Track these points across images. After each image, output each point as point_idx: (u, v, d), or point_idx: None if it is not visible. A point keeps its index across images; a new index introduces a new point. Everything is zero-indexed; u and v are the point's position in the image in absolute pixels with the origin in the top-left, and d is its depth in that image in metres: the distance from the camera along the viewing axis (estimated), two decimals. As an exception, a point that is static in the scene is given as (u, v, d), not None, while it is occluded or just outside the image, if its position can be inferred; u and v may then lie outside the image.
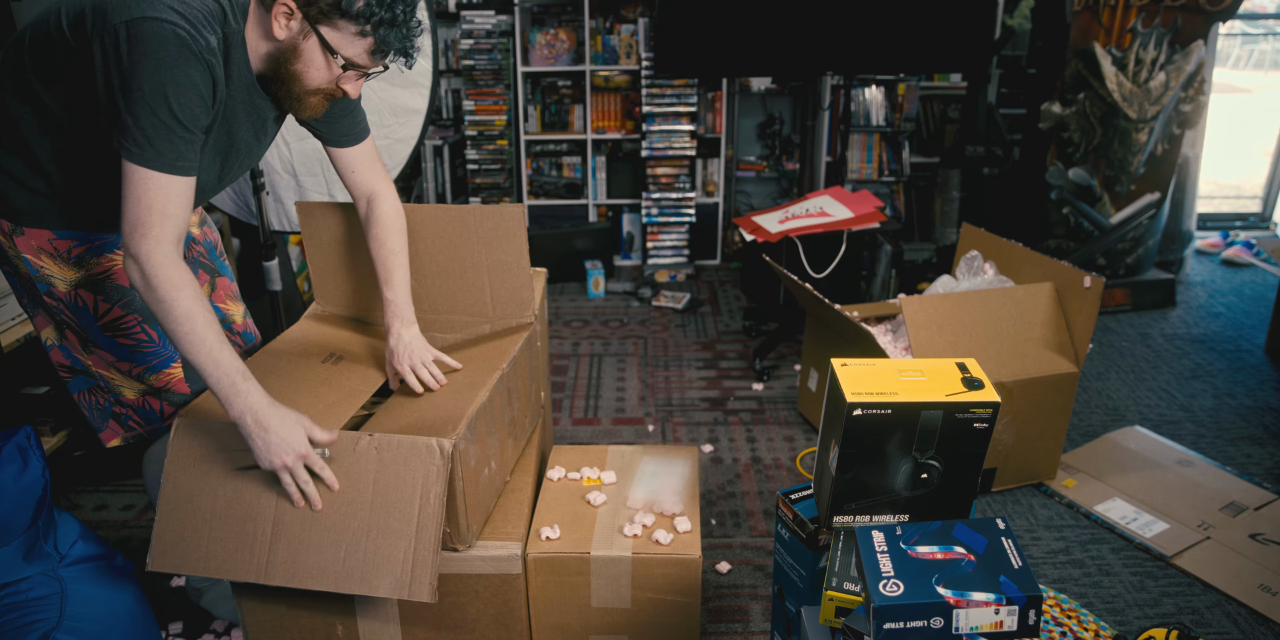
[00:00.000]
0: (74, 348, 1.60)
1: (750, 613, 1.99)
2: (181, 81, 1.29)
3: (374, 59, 1.42)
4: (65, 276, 1.52)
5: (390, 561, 1.38)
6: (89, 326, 1.56)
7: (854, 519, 1.41)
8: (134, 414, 1.65)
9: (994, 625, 1.14)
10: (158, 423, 1.67)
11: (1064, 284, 2.32)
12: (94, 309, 1.54)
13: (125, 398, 1.63)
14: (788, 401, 2.97)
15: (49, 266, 1.51)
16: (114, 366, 1.60)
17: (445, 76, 4.31)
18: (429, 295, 1.83)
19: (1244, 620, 1.97)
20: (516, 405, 1.75)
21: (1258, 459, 2.59)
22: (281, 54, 1.41)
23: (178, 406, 1.65)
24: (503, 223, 1.74)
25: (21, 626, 1.56)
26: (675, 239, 4.32)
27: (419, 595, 1.36)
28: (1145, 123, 3.49)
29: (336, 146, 1.68)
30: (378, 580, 1.38)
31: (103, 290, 1.54)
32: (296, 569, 1.40)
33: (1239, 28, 6.17)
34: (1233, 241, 4.42)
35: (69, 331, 1.58)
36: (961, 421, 1.32)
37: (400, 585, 1.37)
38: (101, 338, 1.57)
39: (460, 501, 1.46)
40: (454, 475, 1.42)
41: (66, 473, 2.47)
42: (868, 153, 4.38)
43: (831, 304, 2.40)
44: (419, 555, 1.38)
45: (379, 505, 1.40)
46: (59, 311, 1.55)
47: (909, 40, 3.34)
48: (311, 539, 1.40)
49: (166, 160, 1.31)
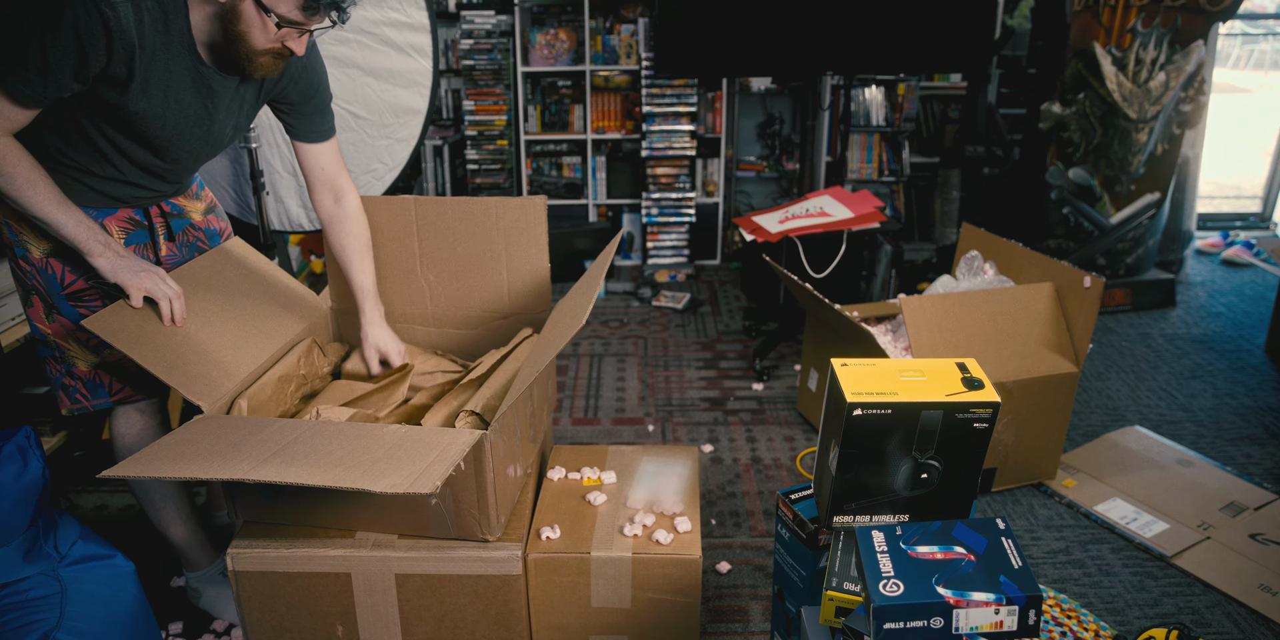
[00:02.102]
0: (37, 315, 1.68)
1: (750, 613, 1.99)
2: (63, 26, 1.35)
3: (306, 15, 1.46)
4: (39, 244, 1.62)
5: (398, 474, 1.28)
6: (55, 293, 1.64)
7: (854, 519, 1.41)
8: (82, 387, 1.72)
9: (994, 625, 1.14)
10: (104, 398, 1.74)
11: (1064, 284, 2.32)
12: (61, 278, 1.64)
13: (77, 369, 1.71)
14: (788, 401, 2.97)
15: (26, 233, 1.61)
16: (72, 336, 1.68)
17: (445, 76, 4.31)
18: (447, 288, 1.84)
19: (1244, 620, 1.97)
20: (535, 400, 1.76)
21: (1258, 459, 2.59)
22: (224, 16, 1.46)
23: (126, 383, 1.74)
24: (524, 215, 1.75)
25: (21, 627, 1.56)
26: (675, 239, 4.32)
27: (421, 487, 1.24)
28: (1145, 123, 3.49)
29: (306, 142, 1.77)
30: (381, 480, 1.27)
31: (72, 262, 1.63)
32: (289, 469, 1.31)
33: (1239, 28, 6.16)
34: (1233, 241, 4.42)
35: (35, 297, 1.66)
36: (961, 421, 1.32)
37: (404, 482, 1.26)
38: (65, 306, 1.65)
39: (490, 491, 1.48)
40: (484, 466, 1.44)
41: (67, 473, 2.47)
42: (868, 153, 4.38)
43: (831, 304, 2.40)
44: (435, 464, 1.28)
45: (396, 449, 1.36)
46: (30, 276, 1.64)
47: (909, 40, 3.33)
48: (318, 456, 1.34)
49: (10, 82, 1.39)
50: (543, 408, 1.84)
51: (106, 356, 1.70)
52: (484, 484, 1.47)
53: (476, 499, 1.51)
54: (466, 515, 1.53)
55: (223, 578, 1.97)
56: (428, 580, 1.55)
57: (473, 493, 1.50)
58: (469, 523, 1.54)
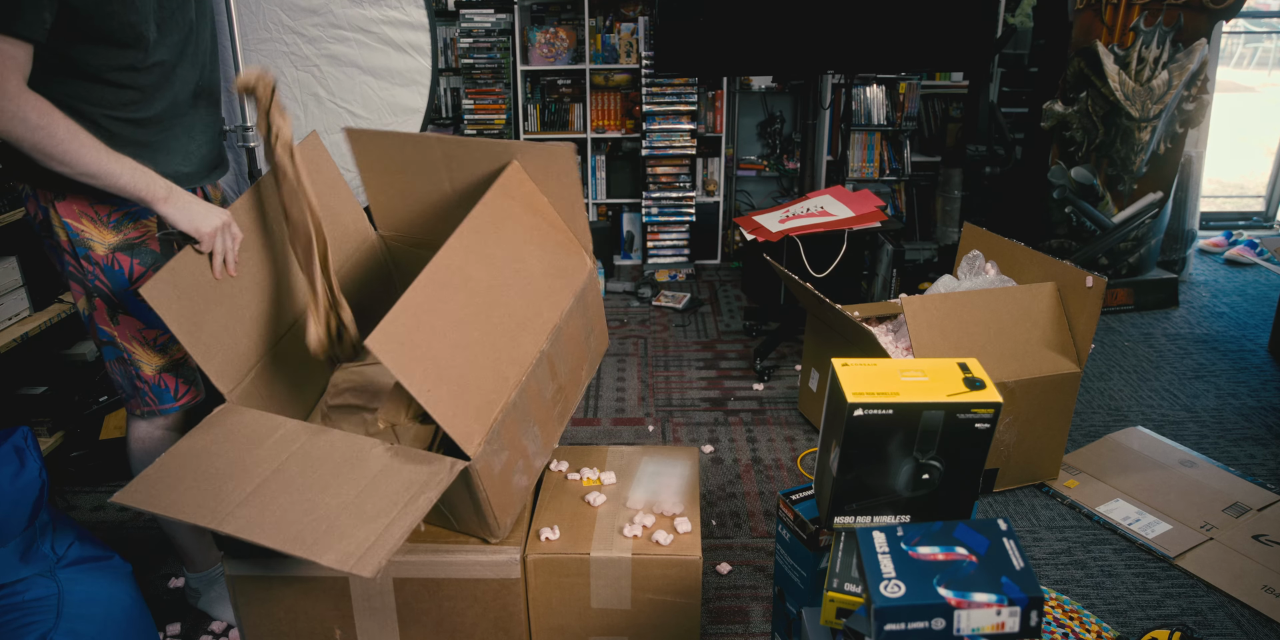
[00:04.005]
0: (101, 317, 1.66)
1: (751, 614, 1.99)
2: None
3: None
4: (104, 240, 1.60)
5: (350, 539, 1.31)
6: (122, 290, 1.63)
7: (855, 520, 1.40)
8: (149, 391, 1.71)
9: (995, 626, 1.13)
10: (170, 402, 1.73)
11: (1066, 284, 2.31)
12: (129, 272, 1.62)
13: (143, 373, 1.70)
14: (788, 401, 2.96)
15: (89, 230, 1.58)
16: (140, 334, 1.67)
17: (444, 75, 4.30)
18: None
19: (1247, 621, 1.96)
20: (564, 371, 1.71)
21: (1261, 459, 2.58)
22: None
23: (191, 385, 1.74)
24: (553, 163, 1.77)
25: (19, 628, 1.55)
26: (675, 238, 4.31)
27: (361, 570, 1.26)
28: (1148, 121, 3.48)
29: None
30: (327, 550, 1.29)
31: (138, 254, 1.62)
32: (254, 524, 1.33)
33: (1242, 26, 6.15)
34: (1236, 241, 4.41)
35: (98, 299, 1.64)
36: (963, 422, 1.31)
37: (347, 559, 1.28)
38: (132, 302, 1.63)
39: (488, 507, 1.47)
40: (477, 485, 1.42)
41: (64, 473, 2.47)
42: (869, 152, 4.37)
43: (832, 304, 2.39)
44: (381, 541, 1.30)
45: (368, 492, 1.37)
46: (94, 277, 1.62)
47: (910, 39, 3.33)
48: (285, 504, 1.36)
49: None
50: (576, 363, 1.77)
51: (174, 354, 1.70)
52: (479, 501, 1.46)
53: (474, 514, 1.50)
54: (468, 521, 1.53)
55: (222, 578, 1.97)
56: (426, 583, 1.54)
57: (469, 508, 1.49)
58: (471, 528, 1.54)
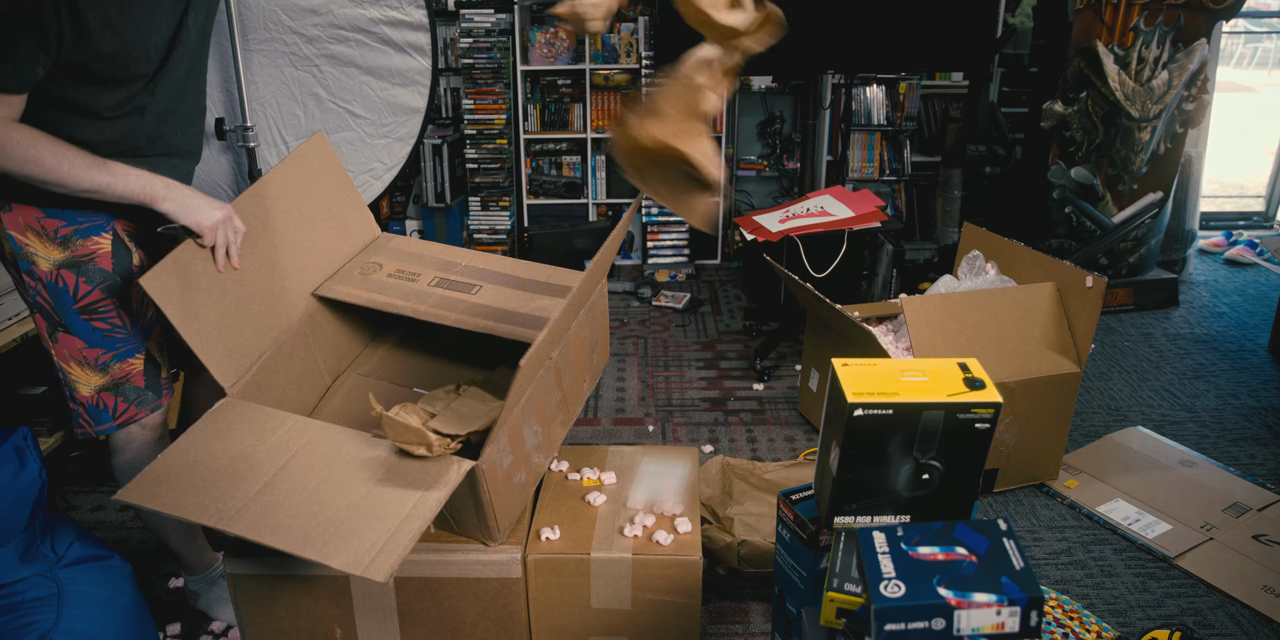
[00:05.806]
0: (41, 335, 1.60)
1: (751, 614, 1.98)
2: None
3: None
4: (49, 256, 1.53)
5: (360, 540, 1.31)
6: (65, 309, 1.56)
7: (855, 520, 1.40)
8: (84, 413, 1.63)
9: (995, 626, 1.13)
10: (108, 422, 1.64)
11: (1066, 284, 2.31)
12: (74, 291, 1.55)
13: (79, 394, 1.62)
14: (788, 402, 2.96)
15: (33, 244, 1.52)
16: (80, 354, 1.59)
17: (444, 75, 4.30)
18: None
19: (1247, 622, 1.96)
20: (569, 380, 1.72)
21: (1261, 460, 2.58)
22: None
23: (132, 403, 1.64)
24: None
25: (18, 628, 1.55)
26: (675, 238, 4.31)
27: (373, 574, 1.26)
28: (1148, 121, 3.48)
29: None
30: (338, 553, 1.29)
31: (85, 272, 1.55)
32: (263, 525, 1.32)
33: (1242, 26, 6.15)
34: (1236, 241, 4.41)
35: (39, 315, 1.58)
36: (963, 422, 1.31)
37: (358, 562, 1.28)
38: (76, 321, 1.57)
39: (490, 509, 1.47)
40: (481, 486, 1.42)
41: (64, 473, 2.47)
42: (869, 152, 4.37)
43: (832, 304, 2.39)
44: (392, 542, 1.30)
45: (376, 491, 1.37)
46: (35, 293, 1.55)
47: (910, 39, 3.32)
48: (294, 505, 1.35)
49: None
50: (580, 371, 1.78)
51: (114, 373, 1.61)
52: (482, 502, 1.45)
53: (475, 516, 1.50)
54: (468, 524, 1.53)
55: (221, 579, 1.96)
56: (426, 583, 1.54)
57: (471, 510, 1.49)
58: (470, 530, 1.54)
